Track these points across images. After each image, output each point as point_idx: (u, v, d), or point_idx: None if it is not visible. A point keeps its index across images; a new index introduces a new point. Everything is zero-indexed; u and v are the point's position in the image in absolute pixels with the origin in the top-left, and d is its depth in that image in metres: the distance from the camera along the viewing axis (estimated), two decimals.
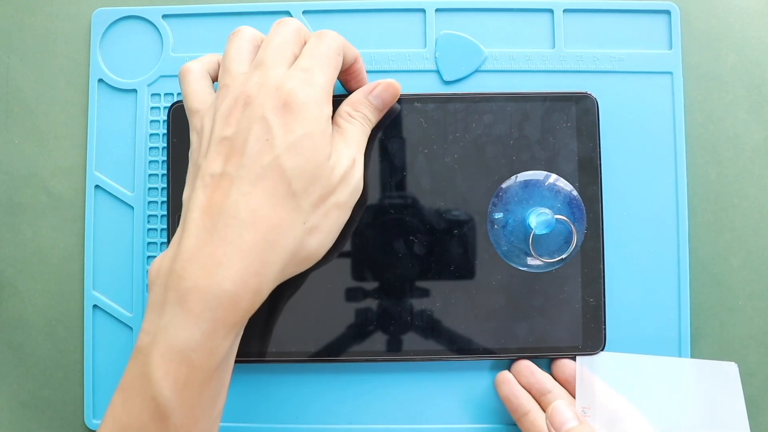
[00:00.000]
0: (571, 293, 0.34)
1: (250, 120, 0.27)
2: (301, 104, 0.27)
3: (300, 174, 0.27)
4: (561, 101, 0.34)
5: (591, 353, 0.34)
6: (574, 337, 0.34)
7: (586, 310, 0.34)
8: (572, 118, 0.34)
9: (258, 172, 0.27)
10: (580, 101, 0.34)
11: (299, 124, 0.27)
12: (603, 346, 0.34)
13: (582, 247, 0.34)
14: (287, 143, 0.27)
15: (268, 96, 0.27)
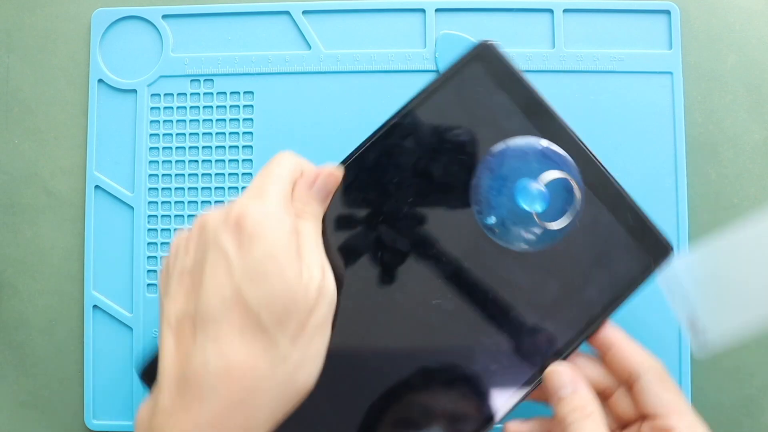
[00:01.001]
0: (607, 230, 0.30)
1: (205, 247, 0.24)
2: (252, 220, 0.24)
3: (267, 304, 0.23)
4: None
5: (666, 260, 0.30)
6: (641, 261, 0.30)
7: (632, 231, 0.30)
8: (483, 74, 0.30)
9: (220, 309, 0.23)
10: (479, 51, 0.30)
11: (257, 245, 0.23)
12: (671, 248, 0.30)
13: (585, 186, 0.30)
14: (246, 269, 0.23)
15: (219, 220, 0.25)
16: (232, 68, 0.37)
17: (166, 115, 0.37)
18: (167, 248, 0.36)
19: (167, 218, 0.37)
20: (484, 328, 0.30)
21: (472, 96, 0.30)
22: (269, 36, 0.37)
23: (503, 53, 0.30)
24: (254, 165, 0.36)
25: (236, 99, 0.37)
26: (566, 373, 0.28)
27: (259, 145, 0.36)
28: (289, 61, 0.37)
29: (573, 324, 0.30)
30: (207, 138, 0.37)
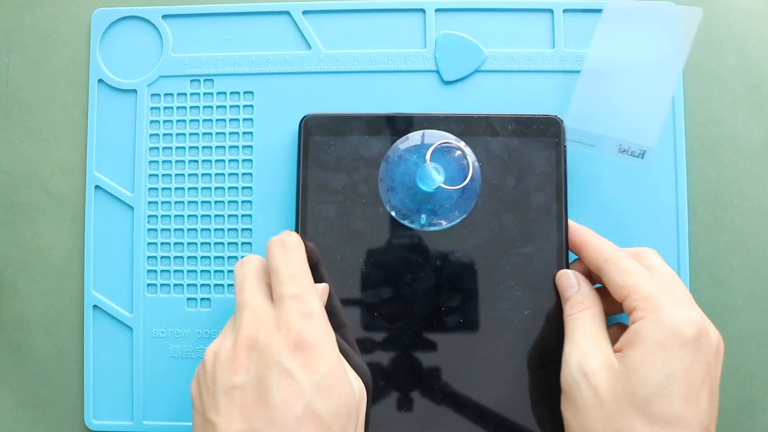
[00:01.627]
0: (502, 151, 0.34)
1: (262, 365, 0.25)
2: (312, 340, 0.26)
3: (336, 415, 0.25)
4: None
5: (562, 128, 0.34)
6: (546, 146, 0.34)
7: (519, 133, 0.34)
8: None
9: (294, 425, 0.24)
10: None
11: (321, 362, 0.26)
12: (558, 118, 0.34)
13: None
14: (315, 386, 0.25)
15: (272, 335, 0.26)
16: (232, 68, 0.37)
17: (166, 115, 0.37)
18: (167, 248, 0.36)
19: (167, 218, 0.37)
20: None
21: (328, 156, 0.34)
22: (269, 36, 0.37)
23: (323, 114, 0.35)
24: (254, 165, 0.36)
25: (236, 99, 0.37)
26: (572, 275, 0.31)
27: (259, 145, 0.36)
28: (289, 61, 0.37)
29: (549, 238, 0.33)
30: (207, 138, 0.37)
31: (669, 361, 0.25)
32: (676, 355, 0.25)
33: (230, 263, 0.36)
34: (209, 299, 0.36)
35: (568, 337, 0.29)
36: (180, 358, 0.36)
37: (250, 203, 0.36)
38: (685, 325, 0.26)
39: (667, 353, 0.26)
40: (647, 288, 0.27)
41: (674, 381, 0.25)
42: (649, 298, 0.27)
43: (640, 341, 0.26)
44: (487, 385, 0.33)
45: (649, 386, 0.25)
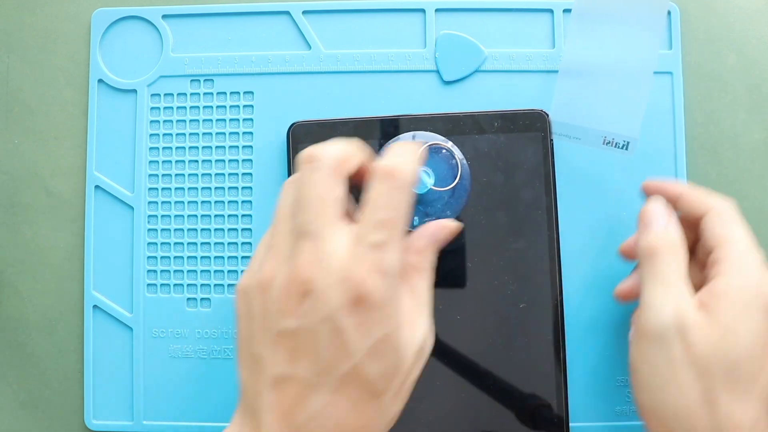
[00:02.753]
0: (490, 148, 0.34)
1: (314, 317, 0.23)
2: (376, 300, 0.23)
3: (383, 376, 0.24)
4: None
5: (548, 122, 0.34)
6: (533, 140, 0.34)
7: (505, 129, 0.34)
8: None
9: (338, 379, 0.23)
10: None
11: (378, 326, 0.23)
12: (543, 113, 0.35)
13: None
14: (366, 348, 0.23)
15: (332, 287, 0.23)
16: (232, 68, 0.37)
17: (166, 115, 0.37)
18: (167, 248, 0.36)
19: (167, 218, 0.37)
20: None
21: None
22: (269, 36, 0.37)
23: (311, 121, 0.35)
24: (254, 165, 0.36)
25: (236, 99, 0.37)
26: (663, 208, 0.29)
27: (259, 145, 0.36)
28: (289, 61, 0.37)
29: (540, 232, 0.34)
30: (207, 138, 0.37)
31: (758, 324, 0.26)
32: (762, 318, 0.26)
33: (230, 263, 0.36)
34: (209, 299, 0.36)
35: (654, 277, 0.27)
36: (180, 358, 0.36)
37: (250, 203, 0.36)
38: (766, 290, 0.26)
39: (752, 315, 0.26)
40: (741, 245, 0.27)
41: (757, 346, 0.25)
42: (739, 256, 0.27)
43: (731, 300, 0.26)
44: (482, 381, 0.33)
45: (738, 349, 0.25)
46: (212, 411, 0.36)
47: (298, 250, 0.24)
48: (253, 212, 0.36)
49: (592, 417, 0.35)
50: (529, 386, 0.33)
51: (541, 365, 0.34)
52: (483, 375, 0.33)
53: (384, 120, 0.35)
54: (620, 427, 0.35)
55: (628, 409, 0.35)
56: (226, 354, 0.36)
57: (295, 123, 0.35)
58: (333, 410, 0.23)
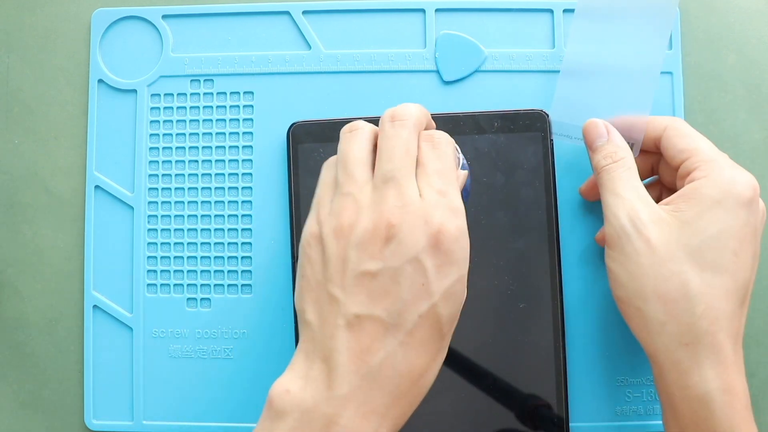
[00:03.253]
0: (490, 148, 0.35)
1: (400, 258, 0.25)
2: (453, 243, 0.25)
3: (451, 317, 0.25)
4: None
5: (548, 122, 0.35)
6: (534, 141, 0.34)
7: (505, 129, 0.34)
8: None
9: (415, 321, 0.24)
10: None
11: (454, 268, 0.25)
12: (543, 113, 0.35)
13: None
14: (443, 289, 0.25)
15: (417, 230, 0.25)
16: (232, 68, 0.37)
17: (166, 115, 0.37)
18: (167, 248, 0.36)
19: (167, 218, 0.37)
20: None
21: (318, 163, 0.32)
22: (269, 36, 0.37)
23: (311, 121, 0.35)
24: (254, 165, 0.36)
25: (236, 99, 0.37)
26: (601, 124, 0.32)
27: (259, 145, 0.36)
28: (289, 61, 0.37)
29: (540, 231, 0.34)
30: (207, 138, 0.37)
31: (724, 216, 0.27)
32: (732, 213, 0.27)
33: (230, 263, 0.36)
34: (209, 299, 0.36)
35: (607, 190, 0.30)
36: (180, 358, 0.36)
37: (250, 203, 0.36)
38: (742, 187, 0.28)
39: (723, 210, 0.27)
40: (708, 150, 0.29)
41: (728, 236, 0.27)
42: (710, 159, 0.29)
43: (698, 198, 0.28)
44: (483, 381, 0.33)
45: (703, 237, 0.27)
46: (212, 411, 0.36)
47: (383, 195, 0.25)
48: (253, 212, 0.36)
49: (592, 417, 0.35)
50: (529, 386, 0.33)
51: (541, 365, 0.34)
52: (483, 375, 0.33)
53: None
54: (620, 427, 0.35)
55: (628, 409, 0.35)
56: (226, 354, 0.36)
57: (295, 123, 0.35)
58: (406, 350, 0.25)
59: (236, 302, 0.36)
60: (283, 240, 0.36)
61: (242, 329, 0.36)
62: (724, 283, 0.27)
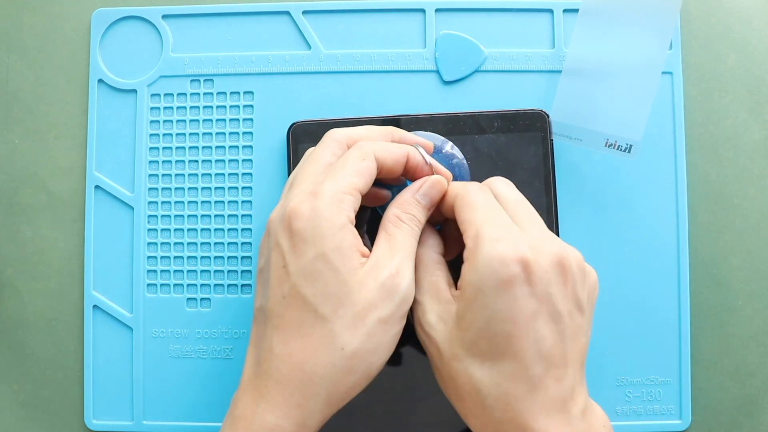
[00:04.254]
0: (492, 148, 0.35)
1: (269, 248, 0.27)
2: (303, 222, 0.25)
3: (324, 298, 0.25)
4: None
5: (548, 121, 0.34)
6: (535, 140, 0.34)
7: (506, 129, 0.34)
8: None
9: (281, 302, 0.26)
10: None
11: (309, 246, 0.25)
12: (544, 112, 0.35)
13: None
14: (300, 269, 0.25)
15: (276, 217, 0.27)
16: (232, 68, 0.37)
17: (166, 115, 0.37)
18: (167, 248, 0.36)
19: (167, 218, 0.37)
20: None
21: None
22: (269, 36, 0.37)
23: (311, 121, 0.35)
24: (254, 165, 0.36)
25: (236, 99, 0.37)
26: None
27: (259, 145, 0.36)
28: (289, 61, 0.37)
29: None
30: (207, 138, 0.37)
31: (488, 303, 0.25)
32: (495, 297, 0.25)
33: (230, 263, 0.36)
34: (209, 299, 0.36)
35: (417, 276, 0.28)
36: (180, 358, 0.36)
37: (250, 203, 0.36)
38: (501, 266, 0.25)
39: (484, 296, 0.25)
40: (477, 222, 0.26)
41: (495, 322, 0.25)
42: (475, 235, 0.26)
43: (464, 286, 0.26)
44: None
45: (474, 329, 0.25)
46: (212, 411, 0.36)
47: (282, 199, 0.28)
48: (253, 212, 0.36)
49: None
50: None
51: None
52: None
53: (384, 120, 0.35)
54: (620, 427, 0.35)
55: (628, 408, 0.35)
56: (226, 354, 0.36)
57: (295, 123, 0.35)
58: (281, 334, 0.25)
59: (236, 302, 0.36)
60: None
61: (242, 329, 0.36)
62: (506, 369, 0.25)
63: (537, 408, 0.25)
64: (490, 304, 0.25)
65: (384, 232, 0.27)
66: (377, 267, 0.26)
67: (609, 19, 0.33)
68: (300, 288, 0.25)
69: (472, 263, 0.25)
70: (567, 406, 0.25)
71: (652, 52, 0.33)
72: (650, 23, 0.33)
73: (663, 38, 0.33)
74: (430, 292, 0.27)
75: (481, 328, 0.25)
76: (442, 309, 0.27)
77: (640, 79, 0.33)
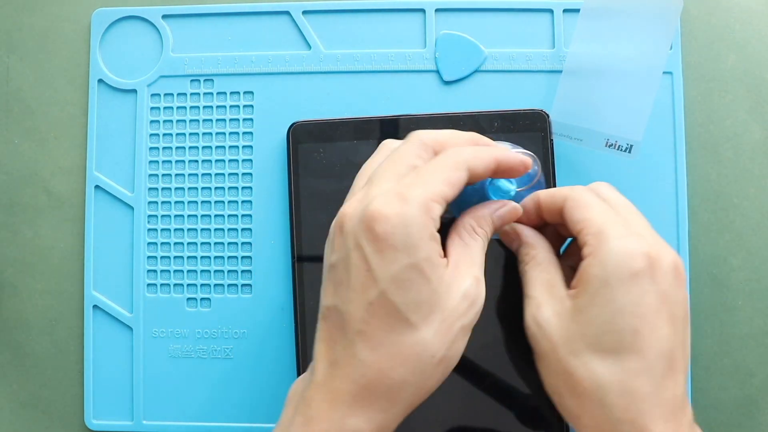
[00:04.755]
0: None
1: (347, 247, 0.25)
2: (389, 227, 0.24)
3: (416, 306, 0.24)
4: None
5: (548, 121, 0.34)
6: (534, 139, 0.34)
7: (506, 128, 0.34)
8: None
9: (367, 311, 0.24)
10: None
11: (399, 254, 0.24)
12: (544, 113, 0.35)
13: None
14: (390, 276, 0.24)
15: (355, 216, 0.25)
16: (232, 68, 0.37)
17: (166, 115, 0.37)
18: (167, 248, 0.36)
19: (167, 218, 0.37)
20: None
21: (318, 163, 0.35)
22: (269, 36, 0.37)
23: (311, 121, 0.35)
24: (254, 165, 0.36)
25: (236, 99, 0.37)
26: (508, 230, 0.30)
27: (259, 145, 0.36)
28: (289, 61, 0.37)
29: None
30: (207, 138, 0.37)
31: (615, 297, 0.25)
32: (621, 291, 0.25)
33: (230, 263, 0.36)
34: (209, 299, 0.36)
35: (525, 293, 0.29)
36: (180, 358, 0.36)
37: (250, 203, 0.36)
38: (629, 259, 0.25)
39: (611, 290, 0.25)
40: (597, 221, 0.27)
41: (622, 316, 0.25)
42: (597, 232, 0.26)
43: (587, 281, 0.26)
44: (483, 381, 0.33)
45: (597, 323, 0.25)
46: (212, 411, 0.36)
47: (357, 194, 0.26)
48: (253, 212, 0.36)
49: None
50: (529, 386, 0.33)
51: None
52: (483, 375, 0.33)
53: (384, 120, 0.35)
54: None
55: None
56: (226, 354, 0.36)
57: (295, 123, 0.35)
58: (365, 339, 0.24)
59: (236, 302, 0.36)
60: (283, 240, 0.36)
61: (242, 329, 0.36)
62: (633, 364, 0.25)
63: (658, 410, 0.25)
64: (618, 298, 0.25)
65: (459, 239, 0.27)
66: (459, 275, 0.26)
67: (610, 19, 0.33)
68: (390, 295, 0.24)
69: (597, 258, 0.26)
70: (680, 414, 0.25)
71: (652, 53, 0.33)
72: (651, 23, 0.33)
73: (664, 38, 0.33)
74: (545, 288, 0.28)
75: (605, 321, 0.25)
76: (557, 305, 0.27)
77: (640, 79, 0.33)
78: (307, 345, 0.34)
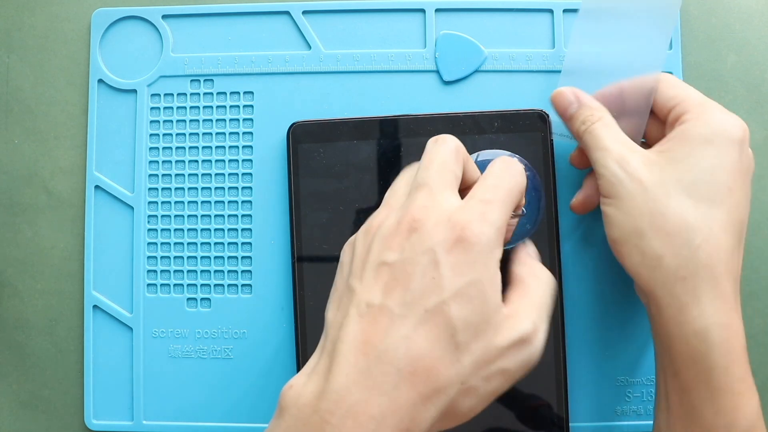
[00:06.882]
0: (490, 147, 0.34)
1: (416, 250, 0.25)
2: (475, 243, 0.24)
3: (466, 326, 0.24)
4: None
5: (548, 121, 0.34)
6: (535, 140, 0.34)
7: (505, 129, 0.34)
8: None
9: (421, 315, 0.24)
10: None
11: (471, 268, 0.24)
12: (544, 113, 0.35)
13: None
14: (455, 287, 0.24)
15: (439, 225, 0.25)
16: (232, 68, 0.37)
17: (166, 115, 0.37)
18: (167, 248, 0.36)
19: (167, 218, 0.37)
20: None
21: (318, 163, 0.35)
22: (269, 36, 0.37)
23: (311, 121, 0.35)
24: (254, 165, 0.36)
25: (236, 99, 0.37)
26: (568, 92, 0.32)
27: (259, 145, 0.36)
28: (289, 61, 0.37)
29: (540, 231, 0.33)
30: (207, 138, 0.37)
31: (716, 153, 0.28)
32: (723, 150, 0.28)
33: (230, 263, 0.36)
34: (209, 299, 0.36)
35: (592, 148, 0.30)
36: (180, 358, 0.36)
37: (250, 203, 0.36)
38: (732, 127, 0.28)
39: (714, 147, 0.28)
40: (698, 96, 0.30)
41: (720, 171, 0.27)
42: (699, 104, 0.29)
43: (688, 138, 0.28)
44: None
45: (696, 172, 0.27)
46: (212, 411, 0.36)
47: (413, 197, 0.26)
48: (253, 212, 0.36)
49: (592, 417, 0.35)
50: (529, 386, 0.33)
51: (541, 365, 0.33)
52: None
53: (384, 120, 0.35)
54: (620, 427, 0.35)
55: (628, 409, 0.35)
56: (226, 354, 0.36)
57: (295, 123, 0.35)
58: (409, 345, 0.24)
59: (236, 302, 0.36)
60: (283, 240, 0.36)
61: (242, 329, 0.36)
62: (721, 216, 0.27)
63: (728, 269, 0.27)
64: (720, 155, 0.28)
65: (517, 277, 0.28)
66: (516, 317, 0.25)
67: (608, 19, 0.33)
68: (448, 307, 0.24)
69: (702, 120, 0.28)
70: (737, 285, 0.28)
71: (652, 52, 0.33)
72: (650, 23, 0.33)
73: (663, 38, 0.33)
74: (621, 144, 0.29)
75: (704, 171, 0.27)
76: (642, 156, 0.29)
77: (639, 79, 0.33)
78: (307, 345, 0.34)
